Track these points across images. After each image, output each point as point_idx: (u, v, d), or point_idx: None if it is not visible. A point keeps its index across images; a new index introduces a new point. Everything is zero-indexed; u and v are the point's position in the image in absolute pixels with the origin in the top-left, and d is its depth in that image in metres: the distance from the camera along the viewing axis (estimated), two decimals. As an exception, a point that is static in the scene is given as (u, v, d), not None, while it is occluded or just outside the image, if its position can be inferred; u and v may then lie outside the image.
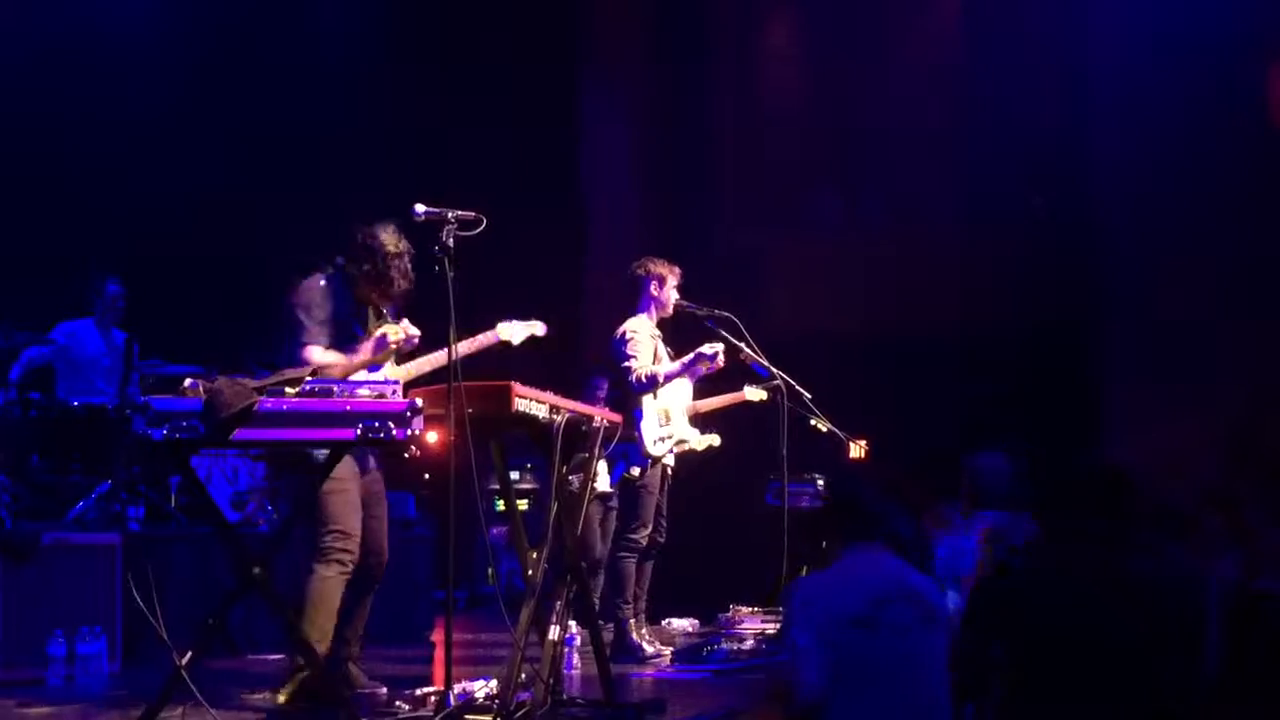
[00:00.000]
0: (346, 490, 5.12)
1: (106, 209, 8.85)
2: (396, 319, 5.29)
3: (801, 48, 10.10)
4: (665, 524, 7.05)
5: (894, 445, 7.99)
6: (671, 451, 6.94)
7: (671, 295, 6.96)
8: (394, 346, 5.19)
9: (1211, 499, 5.44)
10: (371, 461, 5.32)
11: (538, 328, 5.70)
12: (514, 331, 5.67)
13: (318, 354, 5.10)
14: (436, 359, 5.34)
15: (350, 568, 5.09)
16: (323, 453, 4.62)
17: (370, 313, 5.36)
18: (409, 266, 5.26)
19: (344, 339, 5.20)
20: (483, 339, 5.50)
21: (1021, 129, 9.11)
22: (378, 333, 5.21)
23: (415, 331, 5.21)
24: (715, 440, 7.24)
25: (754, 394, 7.34)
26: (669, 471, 7.01)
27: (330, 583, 5.04)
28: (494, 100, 9.67)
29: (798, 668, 3.61)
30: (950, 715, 3.72)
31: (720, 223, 9.91)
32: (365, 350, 5.18)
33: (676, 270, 7.02)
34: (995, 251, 9.08)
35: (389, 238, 5.25)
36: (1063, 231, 9.16)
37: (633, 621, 6.84)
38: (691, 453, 7.15)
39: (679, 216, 9.66)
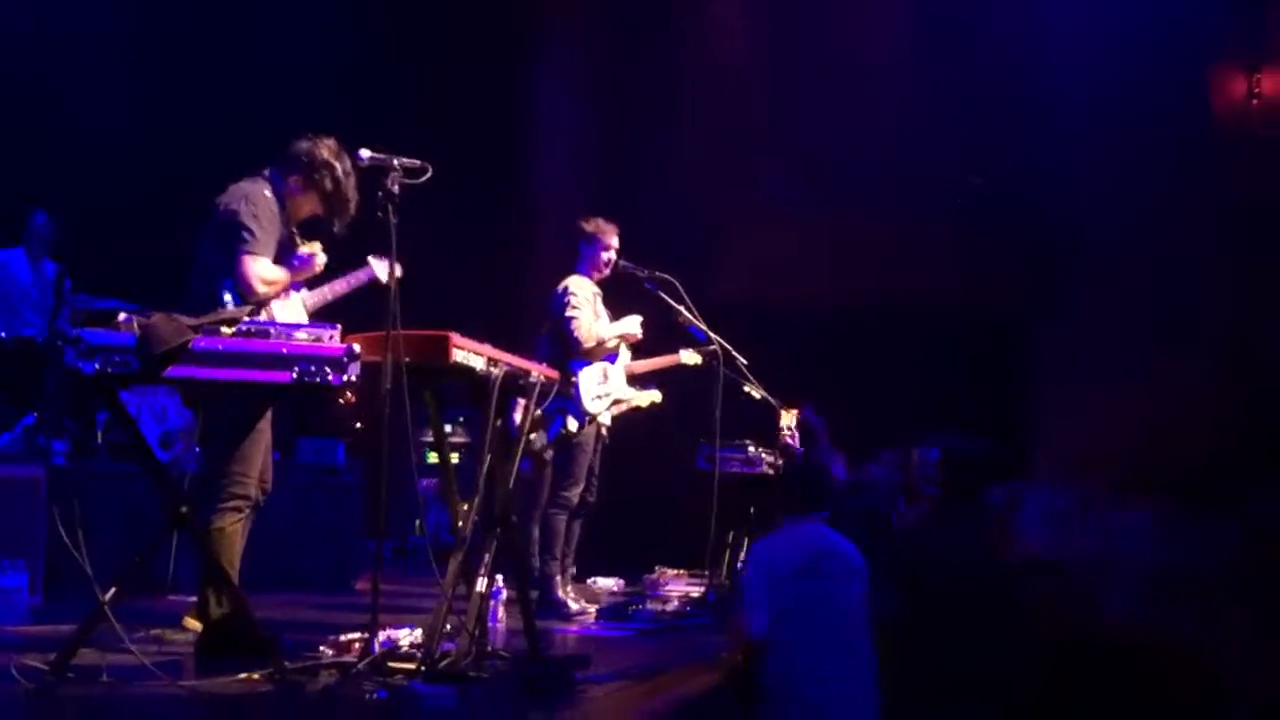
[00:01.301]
0: (264, 432, 5.08)
1: (42, 140, 8.67)
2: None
3: (749, 18, 10.09)
4: (597, 483, 7.08)
5: (828, 416, 8.06)
6: (609, 410, 6.96)
7: (609, 255, 6.98)
8: (317, 269, 5.13)
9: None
10: None
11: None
12: (383, 270, 5.30)
13: (262, 266, 4.99)
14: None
15: (250, 509, 5.06)
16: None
17: (295, 232, 5.26)
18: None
19: (281, 256, 5.11)
20: (357, 276, 5.39)
21: (968, 108, 9.18)
22: (305, 250, 5.14)
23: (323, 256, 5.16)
24: (657, 396, 7.29)
25: (689, 357, 7.38)
26: (604, 431, 7.04)
27: (236, 526, 5.02)
28: (443, 44, 9.57)
29: (747, 613, 4.65)
30: (869, 647, 4.69)
31: (666, 186, 9.90)
32: (289, 268, 5.09)
33: (614, 229, 7.05)
34: (938, 230, 9.17)
35: (340, 155, 5.16)
36: (1008, 211, 9.24)
37: (559, 578, 6.88)
38: (634, 410, 7.18)
39: (627, 176, 9.64)
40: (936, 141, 9.25)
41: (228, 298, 4.91)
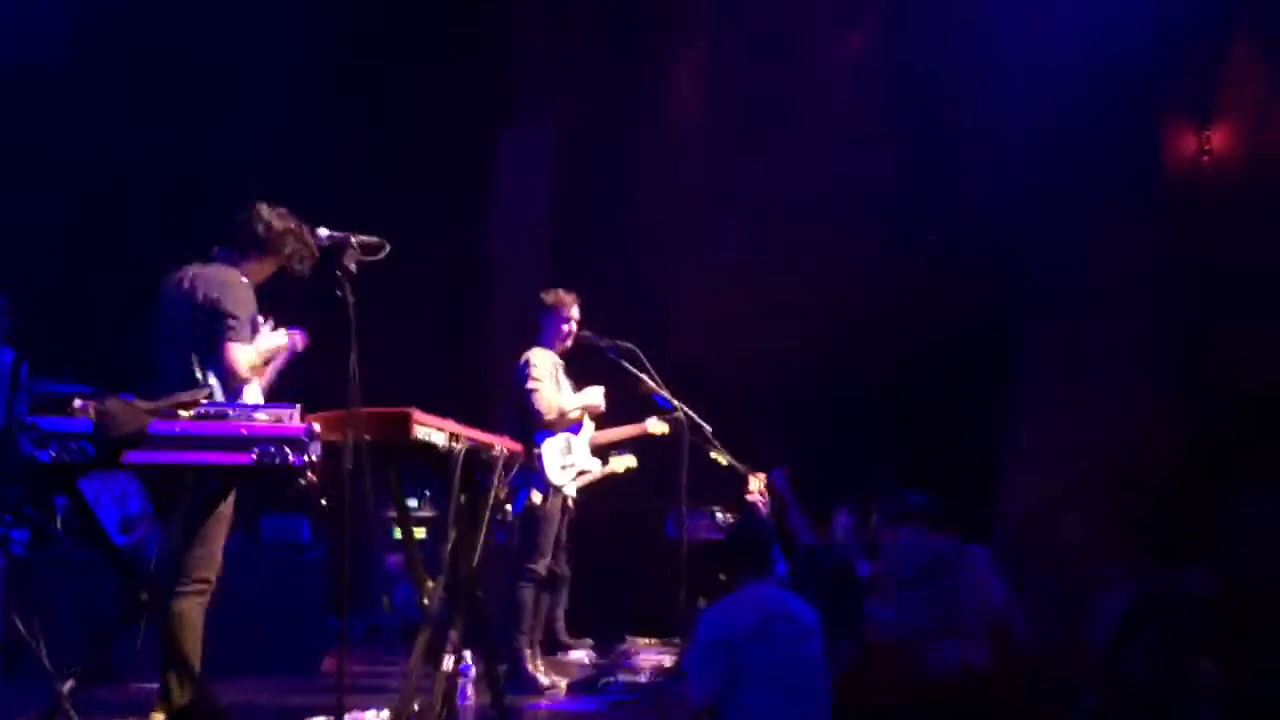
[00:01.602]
0: (226, 514, 5.00)
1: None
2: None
3: (712, 78, 10.18)
4: (565, 555, 7.04)
5: (795, 472, 8.06)
6: (574, 481, 6.94)
7: (569, 326, 6.99)
8: (297, 348, 5.12)
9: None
10: None
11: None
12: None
13: (247, 352, 4.92)
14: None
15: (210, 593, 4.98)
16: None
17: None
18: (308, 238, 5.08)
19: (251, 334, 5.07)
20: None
21: (934, 153, 9.24)
22: (285, 334, 5.11)
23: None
24: (632, 461, 7.29)
25: (655, 426, 7.37)
26: (569, 503, 7.01)
27: (198, 609, 4.91)
28: (405, 115, 9.59)
29: (691, 681, 4.63)
30: (828, 706, 4.64)
31: (624, 252, 9.94)
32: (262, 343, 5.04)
33: (575, 300, 7.05)
34: (903, 281, 9.21)
35: (282, 215, 5.12)
36: (971, 257, 9.29)
37: (529, 652, 6.81)
38: (610, 476, 7.17)
39: (586, 246, 9.66)
40: (890, 191, 9.31)
41: (214, 382, 4.86)
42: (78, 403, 4.19)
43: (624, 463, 7.24)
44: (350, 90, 9.59)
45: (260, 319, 5.12)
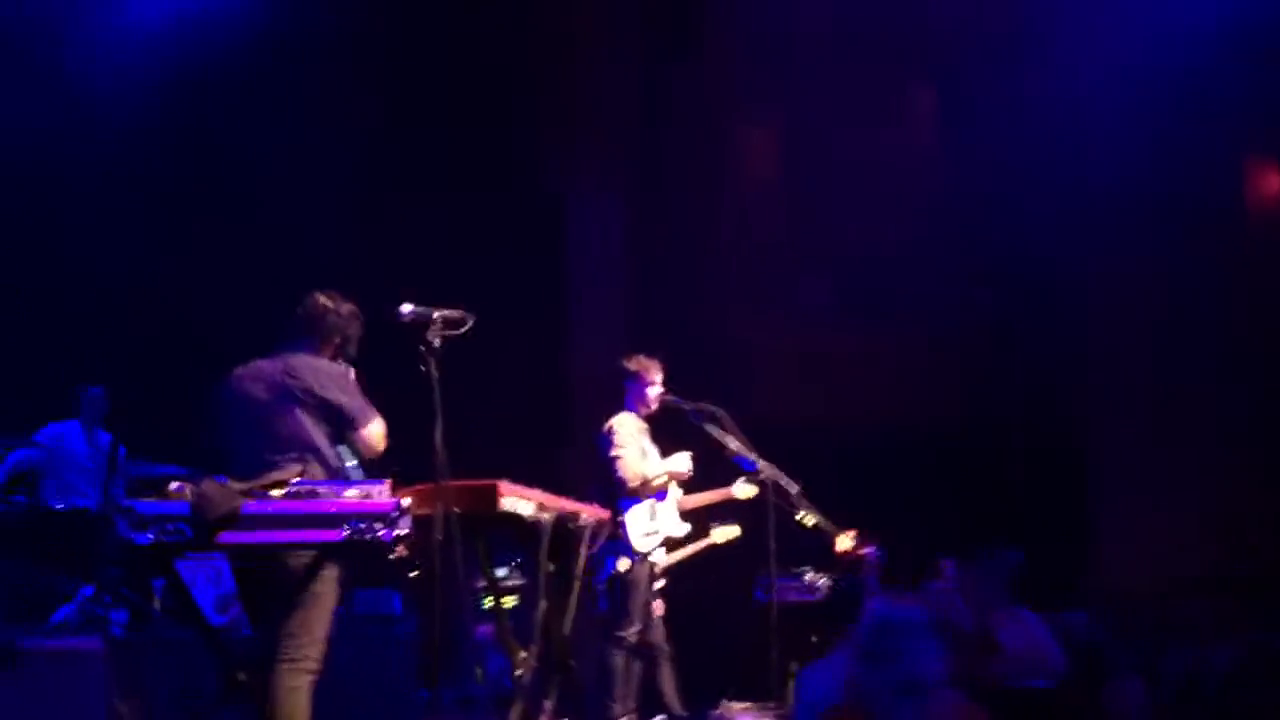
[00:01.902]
0: (326, 595, 4.93)
1: (91, 312, 8.87)
2: None
3: (785, 138, 10.21)
4: (658, 623, 7.01)
5: (884, 535, 7.97)
6: (660, 547, 6.92)
7: (653, 391, 6.99)
8: None
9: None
10: None
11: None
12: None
13: (379, 426, 4.90)
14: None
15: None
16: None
17: None
18: None
19: None
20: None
21: (1000, 219, 9.21)
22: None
23: None
24: (735, 531, 7.26)
25: (742, 490, 7.30)
26: (656, 569, 6.98)
27: (304, 691, 4.84)
28: (478, 193, 9.71)
29: None
30: None
31: (706, 315, 9.95)
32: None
33: (658, 365, 7.06)
34: (986, 342, 9.14)
35: (337, 298, 5.15)
36: (1051, 318, 9.21)
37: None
38: (712, 547, 7.22)
39: (665, 309, 9.69)
40: (970, 243, 9.26)
41: (352, 462, 4.89)
42: (174, 485, 4.28)
43: (726, 534, 7.22)
44: (418, 168, 9.74)
45: None
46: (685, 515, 7.22)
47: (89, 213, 9.17)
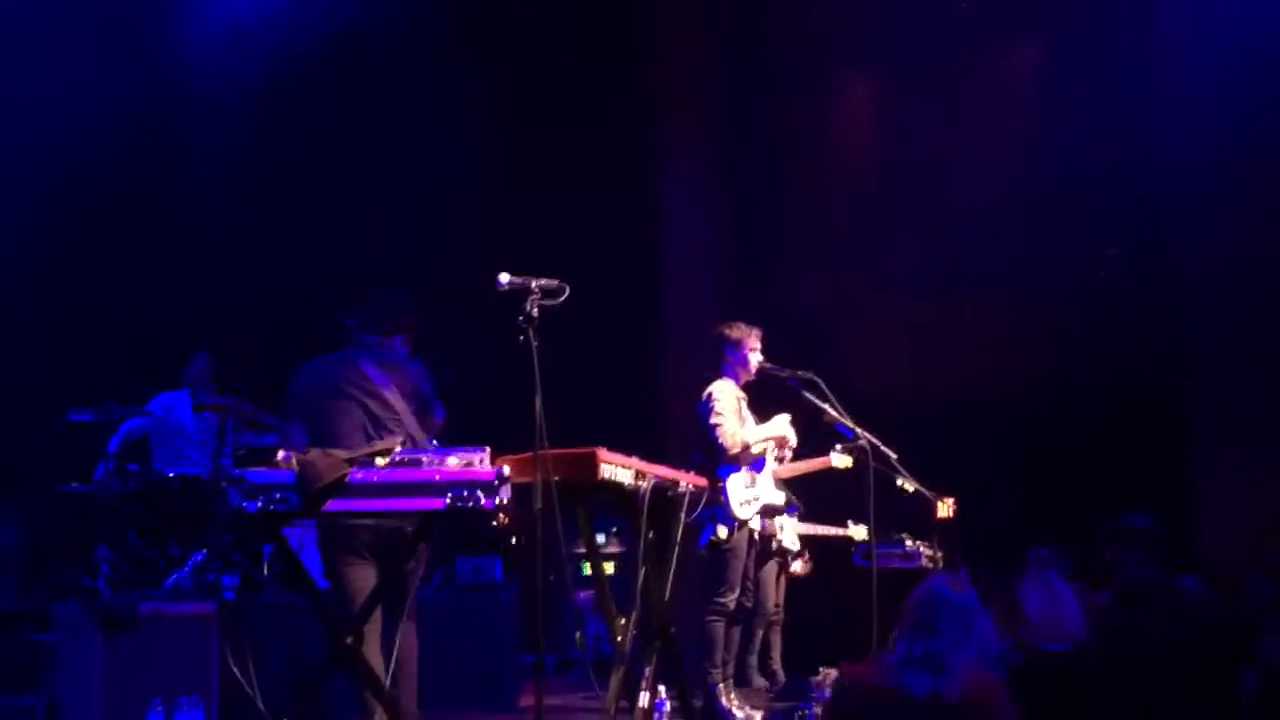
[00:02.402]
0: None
1: (201, 280, 9.10)
2: None
3: (875, 107, 10.10)
4: (753, 588, 7.03)
5: (980, 503, 7.90)
6: (758, 514, 6.92)
7: (753, 358, 6.97)
8: None
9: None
10: None
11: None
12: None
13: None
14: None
15: None
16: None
17: None
18: None
19: None
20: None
21: (1103, 185, 9.04)
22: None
23: None
24: (848, 460, 7.28)
25: (839, 460, 7.29)
26: (756, 536, 6.99)
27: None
28: (571, 164, 9.78)
29: None
30: None
31: (801, 282, 9.90)
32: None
33: (757, 332, 7.04)
34: (1080, 308, 8.98)
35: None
36: (1147, 285, 9.03)
37: (722, 686, 6.80)
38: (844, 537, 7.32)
39: (759, 277, 9.66)
40: (1070, 210, 9.10)
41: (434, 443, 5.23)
42: (281, 455, 4.37)
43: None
44: (515, 144, 9.83)
45: None
46: (782, 484, 7.23)
47: (199, 191, 9.41)
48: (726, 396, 6.87)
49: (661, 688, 5.76)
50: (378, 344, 5.37)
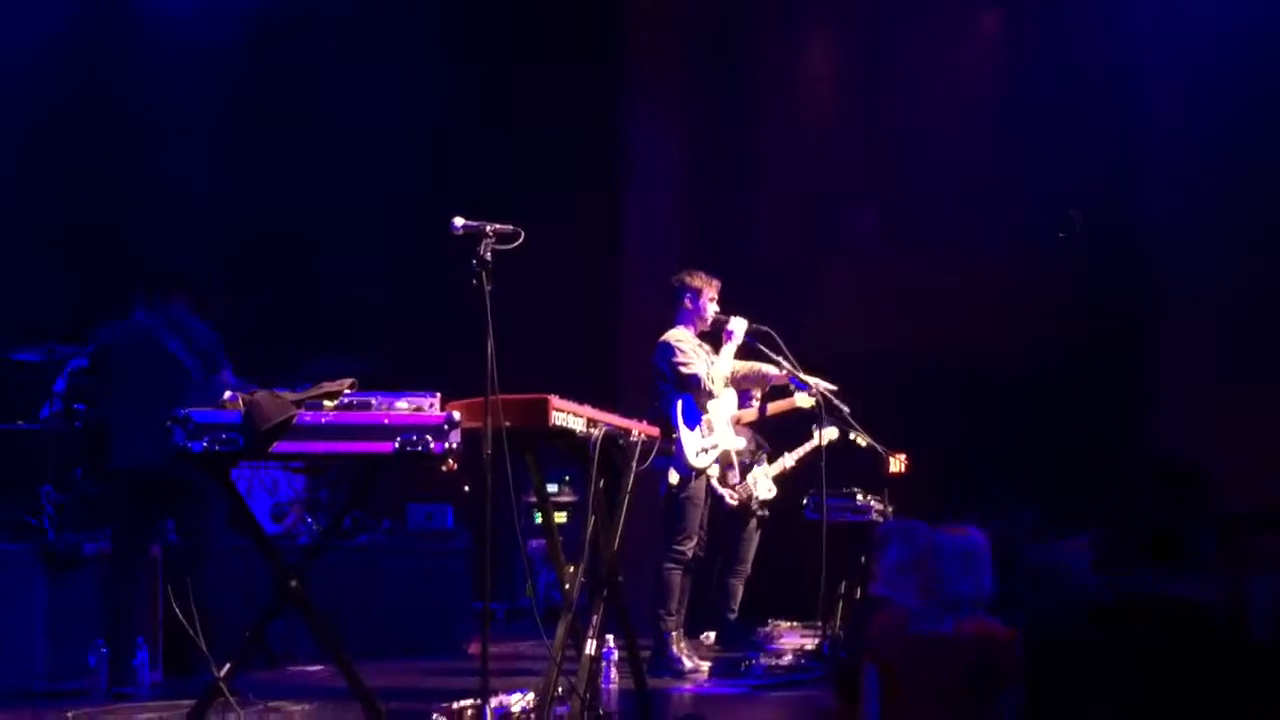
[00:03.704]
0: None
1: (148, 221, 8.96)
2: None
3: (841, 64, 10.06)
4: (705, 537, 7.04)
5: (934, 460, 7.93)
6: (714, 462, 6.91)
7: (710, 308, 6.96)
8: None
9: None
10: None
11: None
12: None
13: None
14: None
15: None
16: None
17: None
18: None
19: None
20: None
21: (1064, 144, 9.05)
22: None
23: None
24: (834, 433, 7.23)
25: (804, 400, 7.24)
26: (713, 483, 7.00)
27: None
28: (532, 117, 9.69)
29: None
30: None
31: (759, 238, 9.88)
32: None
33: (715, 283, 7.02)
34: (1038, 267, 9.00)
35: None
36: (1110, 242, 9.06)
37: (674, 634, 6.82)
38: (816, 451, 7.20)
39: (717, 231, 9.63)
40: (1030, 175, 9.11)
41: None
42: (228, 395, 4.31)
43: (830, 434, 7.20)
44: (480, 83, 9.73)
45: None
46: (740, 429, 7.25)
47: (147, 126, 9.26)
48: (688, 341, 6.87)
49: (609, 636, 5.77)
50: (164, 306, 6.16)
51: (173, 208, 9.08)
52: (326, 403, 4.35)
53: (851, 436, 7.33)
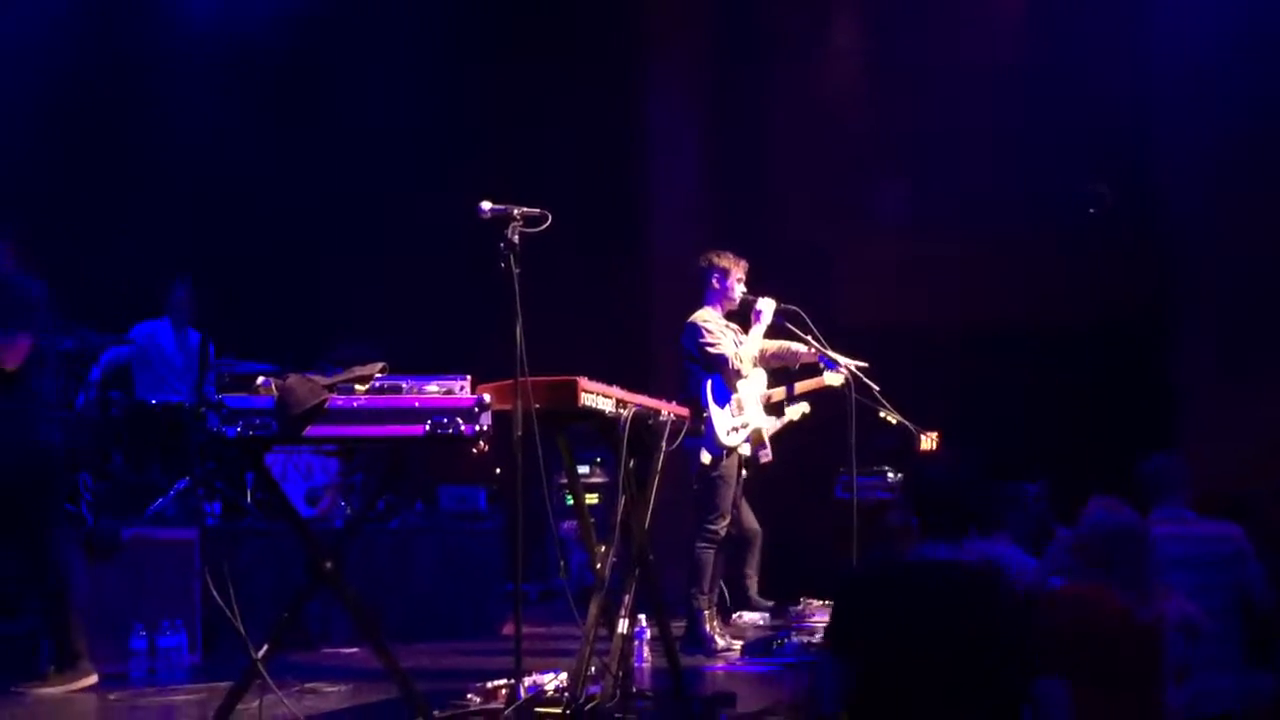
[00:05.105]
0: None
1: (181, 210, 9.03)
2: None
3: (865, 42, 10.02)
4: (737, 515, 7.06)
5: (965, 438, 7.92)
6: (746, 441, 6.92)
7: (737, 288, 6.96)
8: None
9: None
10: None
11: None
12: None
13: None
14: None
15: None
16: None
17: None
18: None
19: None
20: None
21: (1088, 120, 9.00)
22: None
23: None
24: (805, 408, 7.24)
25: (833, 378, 7.24)
26: (744, 461, 7.01)
27: None
28: (556, 98, 9.70)
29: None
30: None
31: (786, 217, 9.86)
32: None
33: (743, 263, 7.02)
34: (1064, 243, 8.97)
35: None
36: (1134, 221, 9.02)
37: (707, 613, 6.84)
38: (789, 426, 7.19)
39: (744, 210, 9.62)
40: (1056, 150, 9.06)
41: None
42: (261, 380, 4.35)
43: (799, 410, 7.20)
44: (501, 73, 9.75)
45: None
46: (771, 408, 7.24)
47: (183, 113, 9.32)
48: (715, 322, 6.88)
49: (641, 616, 5.80)
50: None
51: (211, 195, 9.14)
52: (358, 387, 4.38)
53: (881, 414, 7.32)
